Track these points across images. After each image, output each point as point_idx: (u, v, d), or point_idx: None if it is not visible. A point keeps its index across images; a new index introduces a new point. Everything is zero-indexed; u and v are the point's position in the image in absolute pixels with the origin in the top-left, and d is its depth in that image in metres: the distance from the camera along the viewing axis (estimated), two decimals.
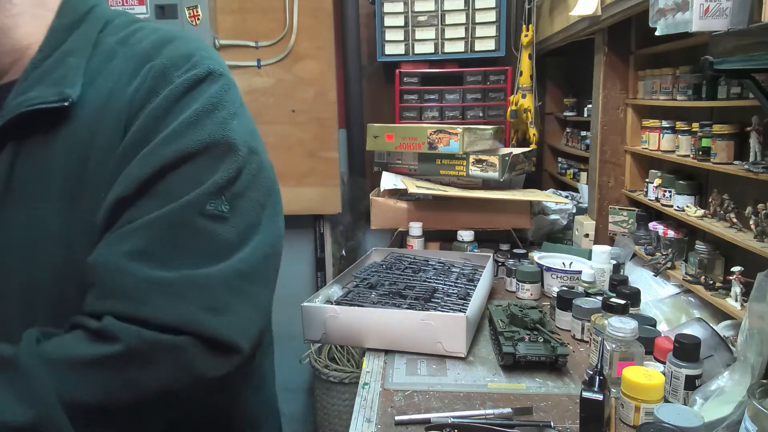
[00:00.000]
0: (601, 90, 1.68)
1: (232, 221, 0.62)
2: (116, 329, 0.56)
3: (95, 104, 0.63)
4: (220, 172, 0.62)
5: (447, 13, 2.27)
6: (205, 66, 0.65)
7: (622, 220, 1.65)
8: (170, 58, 0.64)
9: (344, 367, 2.27)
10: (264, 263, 0.65)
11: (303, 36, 2.14)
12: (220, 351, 0.60)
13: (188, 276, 0.59)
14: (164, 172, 0.60)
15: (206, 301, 0.59)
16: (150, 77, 0.62)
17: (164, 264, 0.59)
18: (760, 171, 1.05)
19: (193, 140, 0.61)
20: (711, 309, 1.20)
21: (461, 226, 1.64)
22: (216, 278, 0.60)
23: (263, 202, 0.67)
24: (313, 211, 2.28)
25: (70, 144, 0.62)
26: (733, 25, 0.90)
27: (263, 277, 0.66)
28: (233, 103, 0.66)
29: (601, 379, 0.79)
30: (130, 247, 0.58)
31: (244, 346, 0.62)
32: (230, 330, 0.60)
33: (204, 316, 0.59)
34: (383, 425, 0.86)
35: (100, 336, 0.57)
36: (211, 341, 0.59)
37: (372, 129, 1.80)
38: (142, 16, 2.05)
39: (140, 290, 0.57)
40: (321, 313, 1.09)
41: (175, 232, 0.59)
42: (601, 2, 1.52)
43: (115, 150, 0.61)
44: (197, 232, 0.60)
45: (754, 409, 0.66)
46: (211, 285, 0.60)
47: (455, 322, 1.05)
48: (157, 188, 0.60)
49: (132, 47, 0.66)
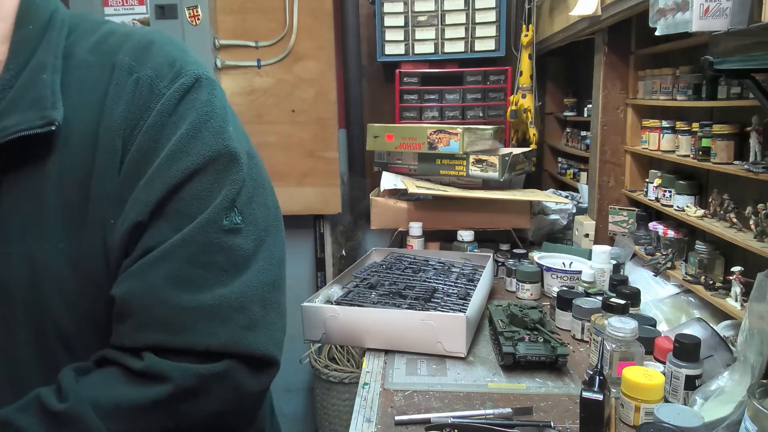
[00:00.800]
0: (601, 90, 1.68)
1: (246, 230, 0.62)
2: (163, 368, 0.56)
3: (82, 124, 0.60)
4: (228, 184, 0.61)
5: (447, 13, 2.27)
6: (191, 73, 0.63)
7: (622, 220, 1.65)
8: (153, 68, 0.62)
9: (344, 367, 2.28)
10: (280, 268, 0.66)
11: (303, 36, 2.14)
12: (261, 366, 0.61)
13: (224, 296, 0.59)
14: (174, 193, 0.59)
15: (244, 320, 0.60)
16: (138, 93, 0.60)
17: (199, 288, 0.58)
18: (760, 171, 1.05)
19: (196, 156, 0.60)
20: (711, 309, 1.20)
21: (461, 226, 1.64)
22: (249, 294, 0.61)
23: (267, 202, 0.67)
24: (313, 211, 2.28)
25: (62, 171, 0.59)
26: (733, 25, 0.90)
27: (282, 282, 0.67)
28: (223, 107, 0.65)
29: (601, 379, 0.79)
30: (163, 275, 0.57)
31: (278, 357, 0.63)
32: (267, 344, 0.61)
33: (244, 335, 0.59)
34: (383, 425, 0.86)
35: (147, 377, 0.56)
36: (252, 359, 0.60)
37: (372, 129, 1.80)
38: (142, 16, 2.07)
39: (181, 318, 0.57)
40: (321, 313, 1.09)
41: (202, 254, 0.59)
42: (601, 2, 1.52)
43: (115, 172, 0.59)
44: (220, 249, 0.60)
45: (754, 409, 0.66)
46: (245, 302, 0.60)
47: (455, 322, 1.05)
48: (171, 209, 0.59)
49: (107, 56, 0.62)
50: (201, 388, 0.57)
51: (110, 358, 0.58)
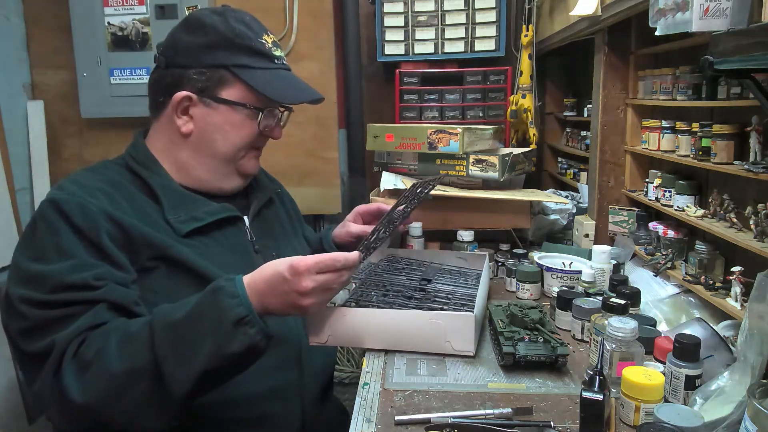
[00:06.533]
0: (601, 90, 1.68)
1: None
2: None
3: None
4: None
5: (447, 13, 2.27)
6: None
7: (622, 220, 1.65)
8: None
9: (344, 367, 2.28)
10: None
11: (303, 36, 2.14)
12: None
13: None
14: None
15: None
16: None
17: None
18: (760, 171, 1.05)
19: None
20: (711, 309, 1.20)
21: (461, 226, 1.64)
22: None
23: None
24: (313, 211, 2.27)
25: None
26: (733, 25, 0.90)
27: None
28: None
29: (601, 379, 0.79)
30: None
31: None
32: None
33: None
34: (383, 425, 0.86)
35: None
36: None
37: (372, 129, 1.80)
38: (142, 16, 2.07)
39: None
40: (327, 315, 1.08)
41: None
42: (601, 2, 1.52)
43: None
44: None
45: (754, 409, 0.66)
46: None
47: (464, 321, 1.05)
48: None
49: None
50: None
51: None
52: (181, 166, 1.09)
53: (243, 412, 1.02)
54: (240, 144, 1.09)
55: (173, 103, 1.05)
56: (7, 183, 1.99)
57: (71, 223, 0.92)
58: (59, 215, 0.92)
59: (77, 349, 0.86)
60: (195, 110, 1.06)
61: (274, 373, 1.06)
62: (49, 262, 0.90)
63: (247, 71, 1.05)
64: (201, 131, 1.07)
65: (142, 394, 0.84)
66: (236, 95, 1.06)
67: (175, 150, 1.08)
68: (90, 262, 0.91)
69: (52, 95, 2.19)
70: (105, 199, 0.96)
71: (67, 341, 0.86)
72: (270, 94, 1.06)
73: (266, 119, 1.10)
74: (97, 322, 0.88)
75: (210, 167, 1.09)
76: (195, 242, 1.02)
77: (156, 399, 0.85)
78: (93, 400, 0.84)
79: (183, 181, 1.09)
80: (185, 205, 1.05)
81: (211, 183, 1.11)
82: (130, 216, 0.97)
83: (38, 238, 0.93)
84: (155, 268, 0.98)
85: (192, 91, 1.04)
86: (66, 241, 0.91)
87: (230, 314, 0.84)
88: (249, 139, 1.10)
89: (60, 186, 0.98)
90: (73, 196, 0.94)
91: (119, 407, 0.85)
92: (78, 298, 0.88)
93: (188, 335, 0.84)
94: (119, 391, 0.84)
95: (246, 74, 1.05)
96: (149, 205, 1.02)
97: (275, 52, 1.10)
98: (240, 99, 1.06)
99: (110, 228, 0.94)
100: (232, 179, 1.13)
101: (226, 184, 1.13)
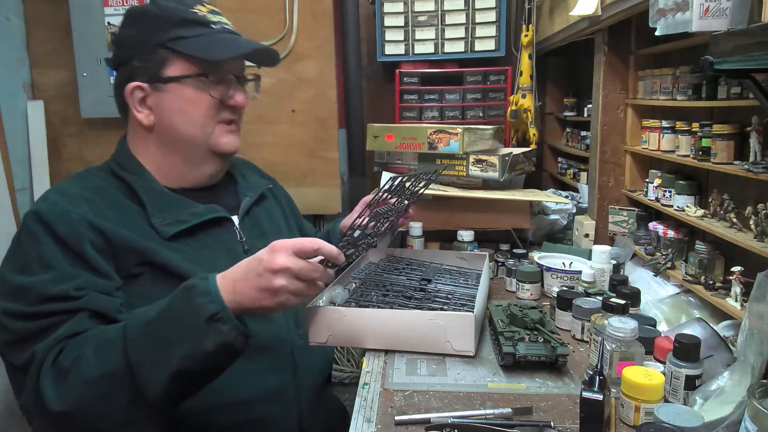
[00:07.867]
0: (601, 90, 1.68)
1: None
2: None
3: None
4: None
5: (447, 13, 2.27)
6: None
7: (622, 220, 1.65)
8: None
9: (344, 367, 2.28)
10: None
11: (303, 36, 2.13)
12: None
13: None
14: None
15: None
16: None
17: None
18: (760, 171, 1.05)
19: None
20: (711, 309, 1.20)
21: (461, 226, 1.64)
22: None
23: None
24: (313, 211, 2.27)
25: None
26: (733, 25, 0.90)
27: None
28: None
29: (601, 379, 0.79)
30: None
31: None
32: None
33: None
34: (383, 425, 0.86)
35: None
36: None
37: (372, 129, 1.80)
38: None
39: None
40: (327, 314, 1.08)
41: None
42: (601, 2, 1.52)
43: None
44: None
45: (754, 409, 0.66)
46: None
47: (464, 321, 1.05)
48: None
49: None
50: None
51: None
52: (161, 166, 1.08)
53: (238, 416, 1.02)
54: (201, 120, 1.06)
55: (127, 96, 1.04)
56: (7, 183, 1.98)
57: (53, 233, 0.92)
58: (41, 226, 0.92)
59: (55, 357, 0.85)
60: (151, 100, 1.04)
61: (268, 375, 1.05)
62: (32, 273, 0.89)
63: (182, 42, 1.02)
64: (160, 118, 1.05)
65: (121, 398, 0.83)
66: (179, 69, 1.03)
67: (150, 148, 1.07)
68: (71, 273, 0.90)
69: (52, 95, 2.19)
70: (88, 207, 0.96)
71: (46, 351, 0.85)
72: (206, 56, 1.02)
73: (216, 85, 1.06)
74: (77, 330, 0.87)
75: (183, 155, 1.08)
76: (182, 245, 1.01)
77: (136, 403, 0.83)
78: (72, 407, 0.83)
79: (167, 183, 1.08)
80: (170, 208, 1.03)
81: (191, 174, 1.10)
82: (114, 223, 0.96)
83: (22, 250, 0.93)
84: (142, 273, 0.97)
85: (141, 80, 1.03)
86: (48, 251, 0.91)
87: (202, 312, 0.82)
88: (208, 111, 1.06)
89: (44, 197, 0.98)
90: (55, 206, 0.94)
91: (99, 413, 0.84)
92: (59, 309, 0.87)
93: (160, 335, 0.83)
94: (98, 396, 0.83)
95: (180, 45, 1.02)
96: (134, 210, 1.01)
97: (212, 18, 1.06)
98: (183, 72, 1.03)
99: (93, 236, 0.93)
100: (210, 161, 1.11)
101: (206, 169, 1.11)
